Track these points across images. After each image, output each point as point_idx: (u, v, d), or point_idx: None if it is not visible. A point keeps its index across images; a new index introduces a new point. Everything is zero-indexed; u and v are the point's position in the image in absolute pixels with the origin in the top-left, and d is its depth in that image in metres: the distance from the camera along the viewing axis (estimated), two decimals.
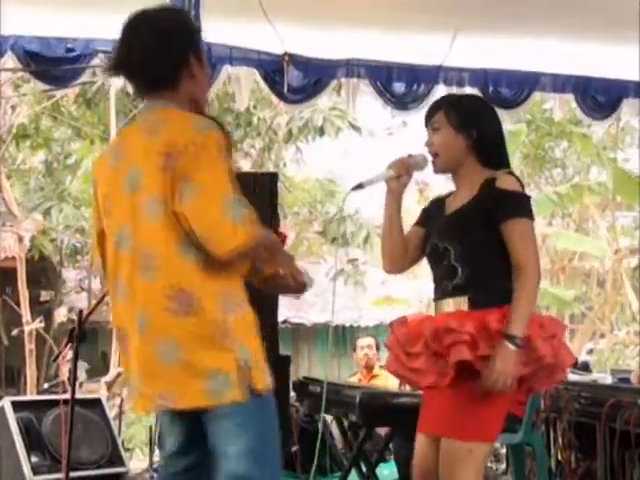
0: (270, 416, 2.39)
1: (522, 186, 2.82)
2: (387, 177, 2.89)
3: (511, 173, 2.85)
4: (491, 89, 5.25)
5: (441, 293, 2.84)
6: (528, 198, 2.83)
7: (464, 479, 2.68)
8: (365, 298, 13.22)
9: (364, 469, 4.60)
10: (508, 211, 2.73)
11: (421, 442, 2.87)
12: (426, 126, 2.92)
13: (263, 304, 3.26)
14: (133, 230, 2.38)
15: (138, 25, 2.45)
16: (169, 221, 2.32)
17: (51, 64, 4.68)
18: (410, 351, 2.82)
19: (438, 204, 2.99)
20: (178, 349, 2.31)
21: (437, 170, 2.92)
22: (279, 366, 4.04)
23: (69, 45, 4.70)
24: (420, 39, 4.88)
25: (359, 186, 2.87)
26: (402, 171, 2.88)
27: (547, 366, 2.75)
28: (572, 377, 4.99)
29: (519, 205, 2.77)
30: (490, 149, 2.86)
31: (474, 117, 2.87)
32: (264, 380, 2.34)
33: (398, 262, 2.98)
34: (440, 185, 6.76)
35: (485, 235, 2.76)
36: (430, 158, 2.91)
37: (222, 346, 2.30)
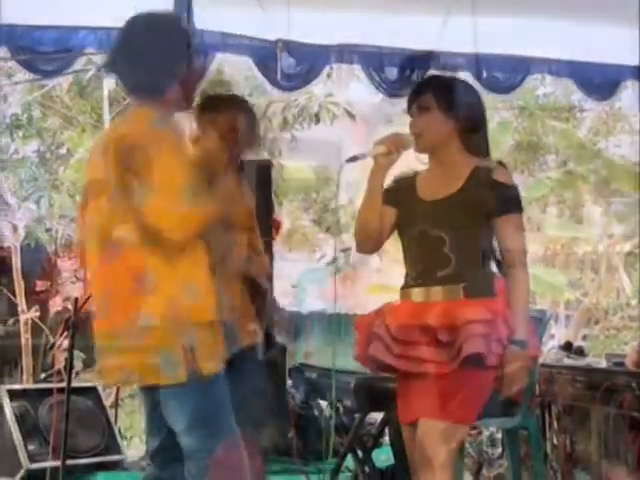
0: (214, 397, 2.53)
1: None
2: (378, 153, 2.86)
3: (502, 163, 2.87)
4: (485, 74, 5.23)
5: (425, 281, 2.82)
6: (518, 190, 2.86)
7: (445, 456, 2.71)
8: (360, 286, 13.22)
9: (360, 454, 4.60)
10: (507, 206, 2.79)
11: (411, 433, 2.87)
12: (410, 106, 2.91)
13: (257, 292, 3.27)
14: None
15: (135, 33, 2.53)
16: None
17: (43, 53, 4.65)
18: (407, 339, 2.78)
19: (407, 184, 2.95)
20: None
21: (419, 149, 2.91)
22: (275, 354, 4.05)
23: (62, 33, 4.67)
24: (414, 23, 4.85)
25: (354, 158, 2.88)
26: (392, 148, 2.85)
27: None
28: (567, 361, 5.00)
29: (517, 200, 2.83)
30: (475, 135, 2.88)
31: (464, 102, 2.86)
32: (208, 365, 2.50)
33: (376, 241, 2.94)
34: None
35: (480, 225, 2.78)
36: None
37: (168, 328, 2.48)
